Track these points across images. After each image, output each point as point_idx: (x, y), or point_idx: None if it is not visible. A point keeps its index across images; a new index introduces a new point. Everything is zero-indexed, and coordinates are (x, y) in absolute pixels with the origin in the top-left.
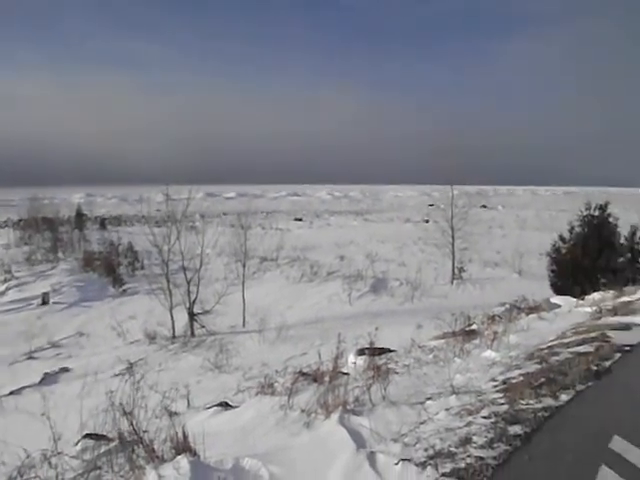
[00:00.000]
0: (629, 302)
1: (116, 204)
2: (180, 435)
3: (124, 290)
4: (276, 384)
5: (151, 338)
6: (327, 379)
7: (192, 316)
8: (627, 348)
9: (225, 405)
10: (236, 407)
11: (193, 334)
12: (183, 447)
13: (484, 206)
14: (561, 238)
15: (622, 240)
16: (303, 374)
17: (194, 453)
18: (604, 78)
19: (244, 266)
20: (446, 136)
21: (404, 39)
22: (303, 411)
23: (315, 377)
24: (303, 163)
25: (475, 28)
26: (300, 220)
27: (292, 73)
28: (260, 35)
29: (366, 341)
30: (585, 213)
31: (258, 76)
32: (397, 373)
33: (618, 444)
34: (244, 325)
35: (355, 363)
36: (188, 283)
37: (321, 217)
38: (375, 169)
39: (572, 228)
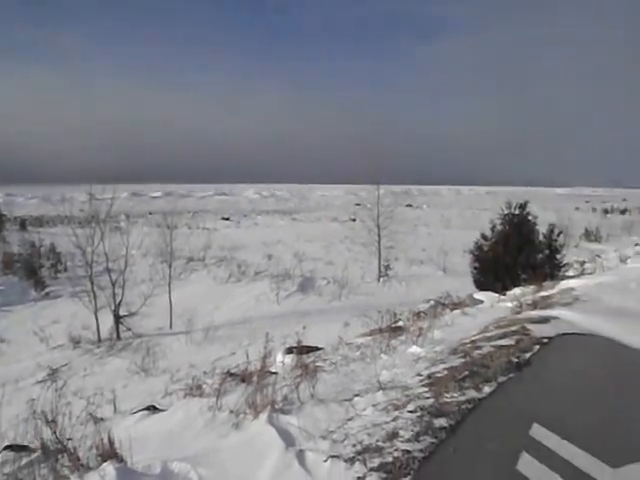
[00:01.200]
0: (547, 296)
1: (37, 204)
2: (106, 441)
3: (46, 293)
4: (204, 385)
5: (75, 342)
6: (255, 379)
7: (118, 319)
8: (545, 340)
9: (152, 409)
10: (164, 410)
11: (119, 337)
12: (109, 454)
13: (410, 205)
14: (483, 236)
15: (541, 237)
16: (231, 374)
17: (121, 459)
18: (524, 82)
19: (170, 267)
20: (371, 136)
21: (329, 39)
22: (232, 412)
23: (243, 377)
24: (230, 162)
25: (400, 30)
26: (227, 219)
27: (216, 72)
28: (184, 35)
29: (294, 340)
30: (506, 212)
31: (183, 75)
32: (325, 371)
33: (537, 431)
34: (171, 327)
35: (283, 362)
36: (113, 285)
37: (248, 216)
38: (302, 168)
39: (494, 226)
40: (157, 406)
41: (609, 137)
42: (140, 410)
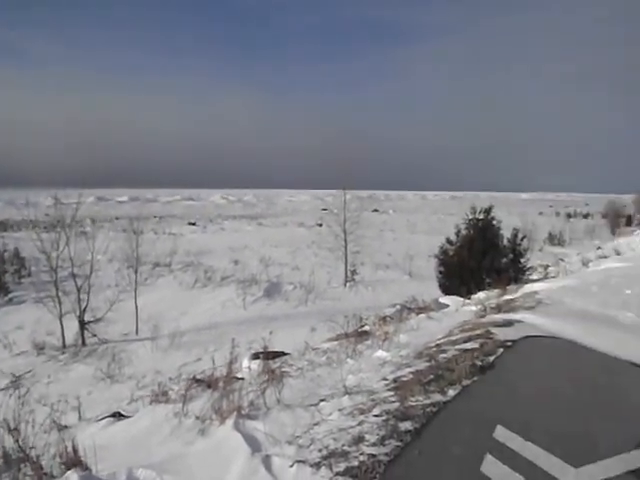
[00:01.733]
0: (511, 300)
1: (1, 208)
2: (70, 449)
3: (10, 299)
4: (170, 392)
5: (39, 349)
6: (221, 384)
7: (83, 324)
8: (509, 343)
9: (118, 415)
10: (129, 417)
11: (84, 343)
12: (73, 462)
13: (376, 210)
14: (448, 240)
15: (505, 242)
16: (197, 380)
17: (85, 467)
18: (491, 89)
19: (136, 272)
20: (338, 142)
21: (299, 44)
22: (198, 418)
23: (209, 383)
24: (197, 167)
25: (370, 36)
26: (194, 224)
27: (184, 76)
28: (152, 37)
29: (260, 345)
30: (471, 216)
31: (150, 77)
32: (291, 376)
33: (501, 433)
34: (137, 332)
35: (250, 367)
36: (78, 290)
37: (215, 221)
38: (269, 174)
39: (458, 231)
40: (123, 413)
41: (573, 144)
42: (105, 417)
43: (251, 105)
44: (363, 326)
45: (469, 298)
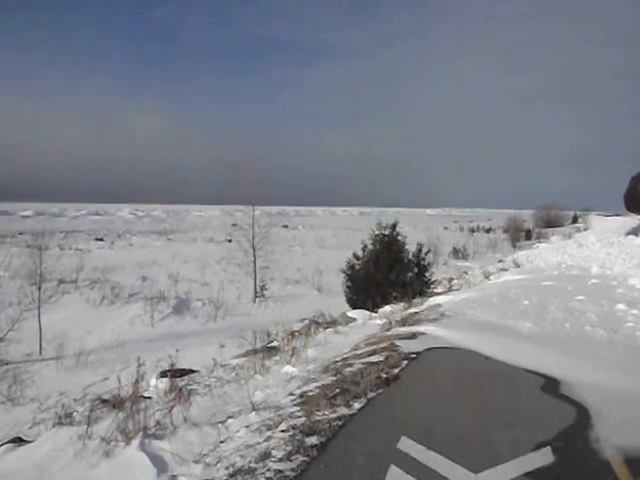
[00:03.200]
0: (416, 313)
1: None
2: None
3: None
4: (75, 413)
5: None
6: (128, 404)
7: None
8: (413, 355)
9: (18, 441)
10: (31, 442)
11: None
12: None
13: (285, 226)
14: (355, 255)
15: (410, 256)
16: (103, 401)
17: None
18: (397, 108)
19: (40, 289)
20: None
21: (208, 61)
22: (103, 440)
23: (115, 403)
24: (105, 181)
25: (282, 54)
26: (101, 240)
27: (90, 90)
28: (64, 52)
29: (167, 363)
30: (377, 232)
31: (54, 91)
32: (199, 394)
33: (405, 444)
34: (41, 352)
35: (157, 386)
36: None
37: (123, 237)
38: (179, 189)
39: (365, 246)
40: (24, 437)
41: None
42: (4, 443)
43: (160, 120)
44: (272, 341)
45: (376, 312)
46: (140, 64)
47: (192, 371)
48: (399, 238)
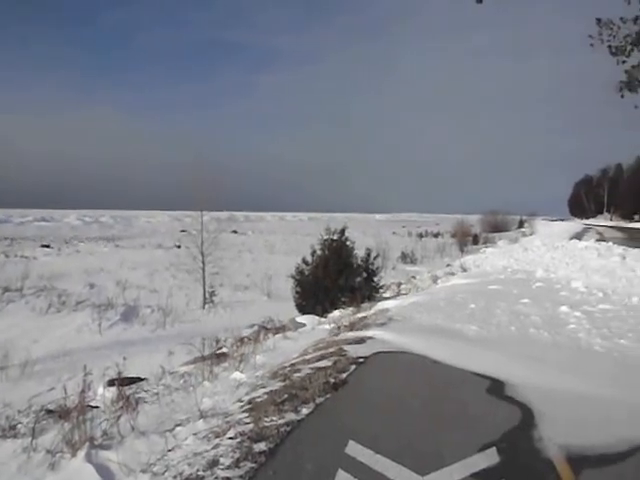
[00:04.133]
0: (364, 317)
1: None
2: None
3: None
4: (19, 425)
5: None
6: (74, 414)
7: None
8: (361, 360)
9: None
10: None
11: None
12: None
13: (235, 231)
14: (304, 261)
15: (359, 261)
16: (49, 411)
17: None
18: (349, 113)
19: None
20: (197, 163)
21: (156, 65)
22: (48, 452)
23: (61, 414)
24: (52, 186)
25: (232, 58)
26: (48, 247)
27: (35, 92)
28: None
29: (115, 372)
30: (326, 237)
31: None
32: (147, 402)
33: (353, 448)
34: None
35: (104, 395)
36: None
37: (70, 243)
38: (127, 194)
39: (314, 251)
40: None
41: (424, 166)
42: None
43: (108, 123)
44: (221, 348)
45: (325, 317)
46: (90, 69)
47: (140, 379)
48: (348, 243)
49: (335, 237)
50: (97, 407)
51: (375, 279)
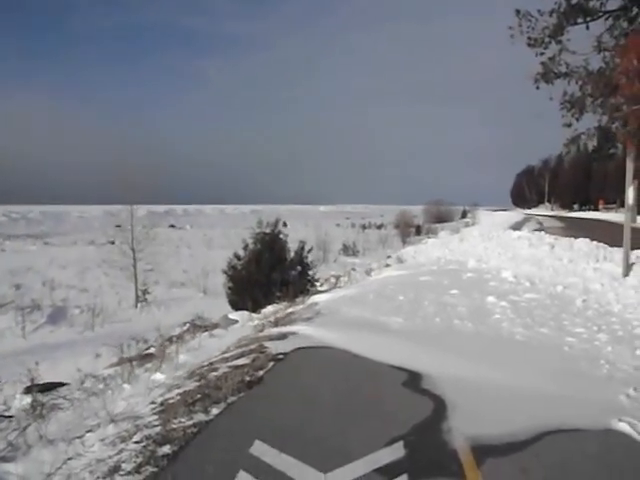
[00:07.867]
0: (292, 313)
1: None
2: None
3: None
4: None
5: None
6: None
7: None
8: (281, 356)
9: None
10: None
11: None
12: None
13: (172, 226)
14: (236, 256)
15: (293, 254)
16: None
17: None
18: (288, 105)
19: None
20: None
21: (94, 48)
22: None
23: None
24: None
25: (183, 44)
26: None
27: None
28: None
29: (29, 378)
30: (258, 230)
31: None
32: (61, 408)
33: (258, 448)
34: None
35: (20, 404)
36: None
37: None
38: (58, 188)
39: (246, 245)
40: None
41: (368, 157)
42: None
43: (38, 110)
44: (149, 348)
45: (259, 312)
46: (28, 54)
47: (62, 384)
48: (281, 237)
49: (268, 230)
50: (11, 417)
51: (310, 272)
